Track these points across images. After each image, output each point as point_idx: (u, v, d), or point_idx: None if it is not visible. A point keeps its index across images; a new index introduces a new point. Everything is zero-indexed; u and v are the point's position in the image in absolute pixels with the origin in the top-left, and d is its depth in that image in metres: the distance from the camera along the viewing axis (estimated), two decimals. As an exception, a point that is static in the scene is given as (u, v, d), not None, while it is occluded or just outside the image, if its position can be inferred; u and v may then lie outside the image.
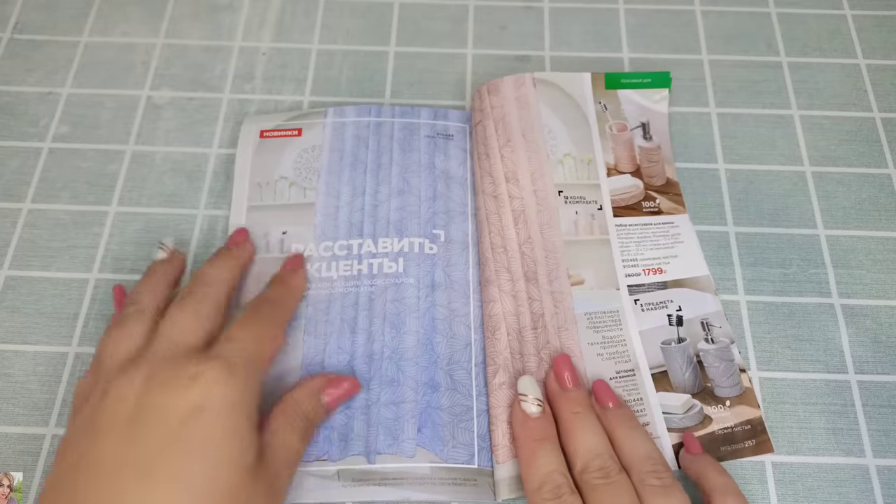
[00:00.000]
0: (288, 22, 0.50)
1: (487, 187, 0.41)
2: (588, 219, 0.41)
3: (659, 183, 0.43)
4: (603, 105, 0.45)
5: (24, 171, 0.44)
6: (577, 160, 0.43)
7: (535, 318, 0.38)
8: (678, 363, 0.38)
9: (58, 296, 0.40)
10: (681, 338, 0.38)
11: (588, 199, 0.42)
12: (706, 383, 0.37)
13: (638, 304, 0.39)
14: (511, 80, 0.44)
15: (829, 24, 0.50)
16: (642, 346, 0.38)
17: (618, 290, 0.39)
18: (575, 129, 0.44)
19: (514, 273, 0.39)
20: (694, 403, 0.36)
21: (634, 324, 0.39)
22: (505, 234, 0.40)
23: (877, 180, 0.44)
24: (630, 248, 0.41)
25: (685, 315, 0.39)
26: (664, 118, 0.44)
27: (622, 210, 0.42)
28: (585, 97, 0.45)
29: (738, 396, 0.37)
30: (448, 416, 0.36)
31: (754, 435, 0.36)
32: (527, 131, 0.43)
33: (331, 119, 0.44)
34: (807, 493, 0.35)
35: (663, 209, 0.42)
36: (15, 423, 0.37)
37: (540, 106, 0.44)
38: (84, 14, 0.50)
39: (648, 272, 0.40)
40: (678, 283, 0.40)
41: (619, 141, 0.44)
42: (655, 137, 0.44)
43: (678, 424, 0.36)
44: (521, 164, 0.42)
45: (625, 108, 0.45)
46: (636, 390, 0.37)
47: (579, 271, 0.40)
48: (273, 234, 0.41)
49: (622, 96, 0.45)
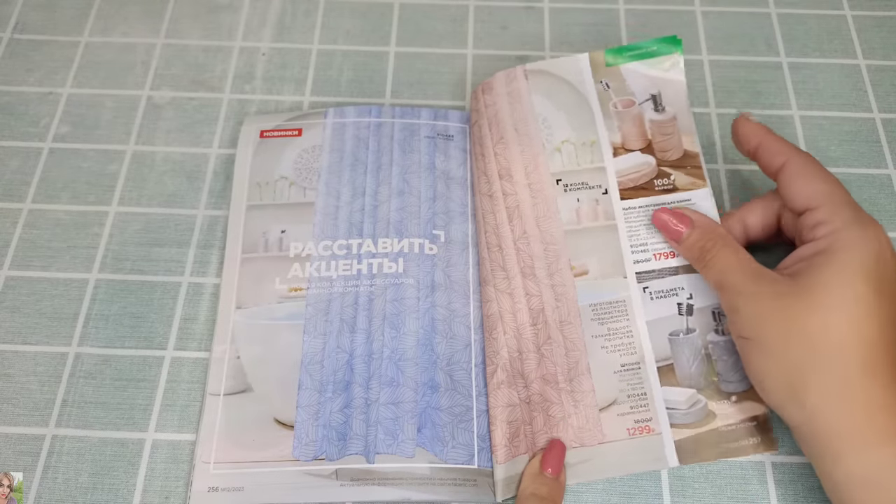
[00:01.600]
0: (288, 22, 0.50)
1: (483, 187, 0.41)
2: (591, 205, 0.40)
3: (675, 157, 0.40)
4: (605, 84, 0.42)
5: (25, 171, 0.44)
6: (576, 145, 0.41)
7: (534, 315, 0.38)
8: (685, 355, 0.37)
9: (58, 296, 0.40)
10: (689, 328, 0.37)
11: (591, 183, 0.40)
12: (713, 377, 0.36)
13: (647, 293, 0.38)
14: (503, 75, 0.43)
15: (829, 24, 0.50)
16: (649, 337, 0.37)
17: (625, 278, 0.38)
18: (574, 114, 0.42)
19: (509, 270, 0.39)
20: (699, 399, 0.36)
21: (642, 314, 0.37)
22: (500, 231, 0.40)
23: (877, 180, 0.44)
24: (639, 233, 0.39)
25: (696, 304, 0.37)
26: (679, 85, 0.42)
27: (631, 191, 0.40)
28: (584, 80, 0.43)
29: (744, 392, 0.36)
30: (448, 417, 0.36)
31: (759, 432, 0.35)
32: (519, 125, 0.42)
33: (331, 119, 0.44)
34: (807, 493, 0.35)
35: (679, 185, 0.40)
36: (15, 423, 0.37)
37: (532, 97, 0.43)
38: (84, 14, 0.50)
39: (659, 257, 0.38)
40: (691, 268, 0.38)
41: (626, 117, 0.41)
42: (669, 108, 0.41)
43: (681, 420, 0.35)
44: (513, 159, 0.41)
45: (630, 83, 0.42)
46: (640, 385, 0.36)
47: (583, 261, 0.39)
48: (272, 233, 0.41)
49: (626, 71, 0.42)
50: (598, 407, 0.36)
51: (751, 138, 0.37)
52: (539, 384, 0.36)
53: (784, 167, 0.35)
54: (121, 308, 0.40)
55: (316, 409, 0.36)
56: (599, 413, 0.36)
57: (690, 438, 0.35)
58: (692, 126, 0.41)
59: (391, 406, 0.36)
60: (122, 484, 0.36)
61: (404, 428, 0.35)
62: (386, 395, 0.36)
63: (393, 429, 0.35)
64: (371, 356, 0.37)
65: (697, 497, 0.35)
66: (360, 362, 0.37)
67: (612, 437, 0.35)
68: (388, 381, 0.37)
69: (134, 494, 0.35)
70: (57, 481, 0.36)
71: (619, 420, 0.35)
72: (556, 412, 0.36)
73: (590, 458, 0.35)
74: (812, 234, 0.33)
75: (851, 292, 0.30)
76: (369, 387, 0.37)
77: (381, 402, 0.36)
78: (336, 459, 0.35)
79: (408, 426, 0.36)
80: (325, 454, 0.35)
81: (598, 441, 0.35)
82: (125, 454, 0.36)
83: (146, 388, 0.38)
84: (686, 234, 0.36)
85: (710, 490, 0.35)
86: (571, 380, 0.36)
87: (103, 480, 0.36)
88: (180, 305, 0.40)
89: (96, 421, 0.37)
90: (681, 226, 0.37)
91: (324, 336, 0.38)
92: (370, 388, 0.37)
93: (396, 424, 0.36)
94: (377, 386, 0.37)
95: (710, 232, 0.36)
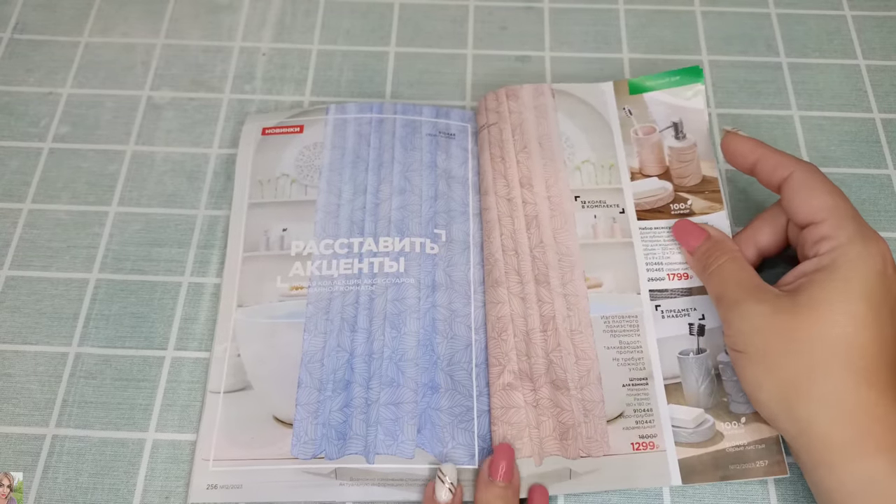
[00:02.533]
0: (288, 22, 0.50)
1: (501, 189, 0.41)
2: (608, 222, 0.41)
3: (692, 183, 0.41)
4: (627, 111, 0.43)
5: (25, 171, 0.44)
6: (596, 166, 0.42)
7: (544, 321, 0.38)
8: (694, 375, 0.37)
9: (58, 296, 0.40)
10: (700, 348, 0.37)
11: (608, 202, 0.41)
12: (722, 398, 0.36)
13: (658, 311, 0.38)
14: (530, 88, 0.44)
15: (829, 24, 0.50)
16: (658, 354, 0.37)
17: (638, 294, 0.39)
18: (595, 136, 0.43)
19: (523, 276, 0.39)
20: (706, 419, 0.35)
21: (653, 330, 0.38)
22: (517, 237, 0.40)
23: (877, 181, 0.44)
24: (655, 252, 0.39)
25: (708, 324, 0.38)
26: (700, 114, 0.43)
27: (647, 213, 0.41)
28: (607, 105, 0.44)
29: (754, 413, 0.35)
30: (448, 417, 0.36)
31: (768, 455, 0.34)
32: (543, 140, 0.43)
33: (332, 116, 0.44)
34: (808, 496, 0.35)
35: (696, 210, 0.40)
36: (15, 423, 0.37)
37: (557, 115, 0.44)
38: (84, 14, 0.50)
39: (673, 277, 0.39)
40: (704, 290, 0.38)
41: (646, 144, 0.43)
42: (690, 135, 0.42)
43: (687, 439, 0.35)
44: (535, 170, 0.42)
45: (652, 110, 0.43)
46: (647, 400, 0.36)
47: (598, 274, 0.39)
48: (273, 231, 0.41)
49: (649, 99, 0.44)
50: (605, 418, 0.36)
51: (747, 155, 0.36)
52: (549, 389, 0.36)
53: (787, 181, 0.34)
54: (121, 308, 0.40)
55: (315, 408, 0.36)
56: (607, 425, 0.36)
57: (695, 458, 0.35)
58: (712, 153, 0.42)
59: (391, 406, 0.36)
60: (122, 484, 0.35)
61: (404, 429, 0.35)
62: (386, 395, 0.36)
63: (393, 429, 0.35)
64: (371, 356, 0.37)
65: (698, 498, 0.35)
66: (361, 362, 0.37)
67: (616, 450, 0.35)
68: (389, 382, 0.37)
69: (134, 494, 0.35)
70: (57, 481, 0.36)
71: (624, 434, 0.35)
72: (566, 419, 0.36)
73: (594, 470, 0.35)
74: (815, 250, 0.33)
75: (852, 309, 0.30)
76: (369, 387, 0.37)
77: (382, 402, 0.36)
78: (335, 458, 0.35)
79: (407, 427, 0.35)
80: (324, 453, 0.35)
81: (603, 453, 0.35)
82: (125, 454, 0.36)
83: (146, 388, 0.38)
84: (698, 246, 0.37)
85: (710, 491, 0.35)
86: (582, 388, 0.36)
87: (103, 480, 0.36)
88: (180, 305, 0.40)
89: (96, 421, 0.37)
90: (698, 238, 0.37)
91: (324, 335, 0.38)
92: (370, 388, 0.37)
93: (396, 425, 0.36)
94: (377, 386, 0.37)
95: (721, 245, 0.36)
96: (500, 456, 0.34)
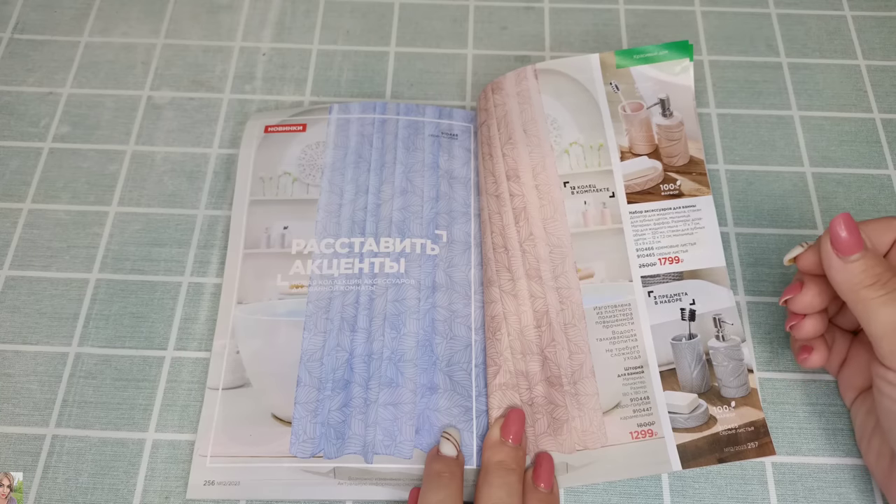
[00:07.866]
0: (288, 22, 0.50)
1: (490, 187, 0.41)
2: (598, 208, 0.40)
3: (681, 162, 0.41)
4: (614, 86, 0.42)
5: (25, 171, 0.44)
6: (584, 147, 0.41)
7: (538, 317, 0.38)
8: (687, 360, 0.37)
9: (58, 296, 0.40)
10: (692, 334, 0.37)
11: (598, 186, 0.40)
12: (713, 383, 0.36)
13: (651, 297, 0.38)
14: (513, 75, 0.43)
15: (829, 24, 0.50)
16: (653, 341, 0.37)
17: (630, 281, 0.38)
18: (582, 116, 0.42)
19: (514, 272, 0.39)
20: (700, 403, 0.36)
21: (646, 317, 0.38)
22: (506, 232, 0.40)
23: (877, 181, 0.44)
24: (645, 236, 0.39)
25: (698, 310, 0.38)
26: (687, 91, 0.42)
27: (638, 195, 0.40)
28: (594, 80, 0.43)
29: (743, 398, 0.36)
30: (447, 418, 0.36)
31: (757, 437, 0.35)
32: (528, 125, 0.42)
33: (335, 115, 0.44)
34: (807, 494, 0.35)
35: (685, 191, 0.40)
36: (15, 423, 0.37)
37: (542, 97, 0.43)
38: (84, 14, 0.50)
39: (664, 261, 0.39)
40: (694, 273, 0.38)
41: (634, 121, 0.42)
42: (677, 113, 0.41)
43: (683, 424, 0.36)
44: (521, 160, 0.41)
45: (639, 86, 0.42)
46: (643, 388, 0.36)
47: (589, 264, 0.39)
48: (274, 229, 0.41)
49: (636, 74, 0.42)
50: (601, 410, 0.36)
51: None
52: (544, 387, 0.36)
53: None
54: (121, 308, 0.40)
55: (314, 407, 0.36)
56: (603, 416, 0.36)
57: (692, 443, 0.35)
58: (698, 132, 0.41)
59: (390, 407, 0.36)
60: (122, 484, 0.35)
61: (402, 430, 0.35)
62: (385, 396, 0.36)
63: (391, 430, 0.35)
64: (371, 356, 0.37)
65: (698, 497, 0.35)
66: (360, 362, 0.37)
67: (615, 440, 0.35)
68: (388, 382, 0.37)
69: (134, 494, 0.35)
70: (57, 481, 0.36)
71: (622, 424, 0.36)
72: (560, 415, 0.36)
73: (593, 462, 0.35)
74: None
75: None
76: (368, 387, 0.37)
77: (381, 402, 0.36)
78: (334, 458, 0.35)
79: (406, 428, 0.35)
80: (322, 452, 0.35)
81: (601, 444, 0.35)
82: (125, 454, 0.36)
83: (146, 388, 0.38)
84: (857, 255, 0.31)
85: (710, 490, 0.35)
86: (576, 382, 0.36)
87: (103, 480, 0.36)
88: (180, 305, 0.40)
89: (96, 421, 0.37)
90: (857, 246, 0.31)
91: (324, 334, 0.38)
92: (369, 388, 0.37)
93: (395, 426, 0.36)
94: (376, 386, 0.37)
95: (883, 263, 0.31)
96: (512, 418, 0.34)
